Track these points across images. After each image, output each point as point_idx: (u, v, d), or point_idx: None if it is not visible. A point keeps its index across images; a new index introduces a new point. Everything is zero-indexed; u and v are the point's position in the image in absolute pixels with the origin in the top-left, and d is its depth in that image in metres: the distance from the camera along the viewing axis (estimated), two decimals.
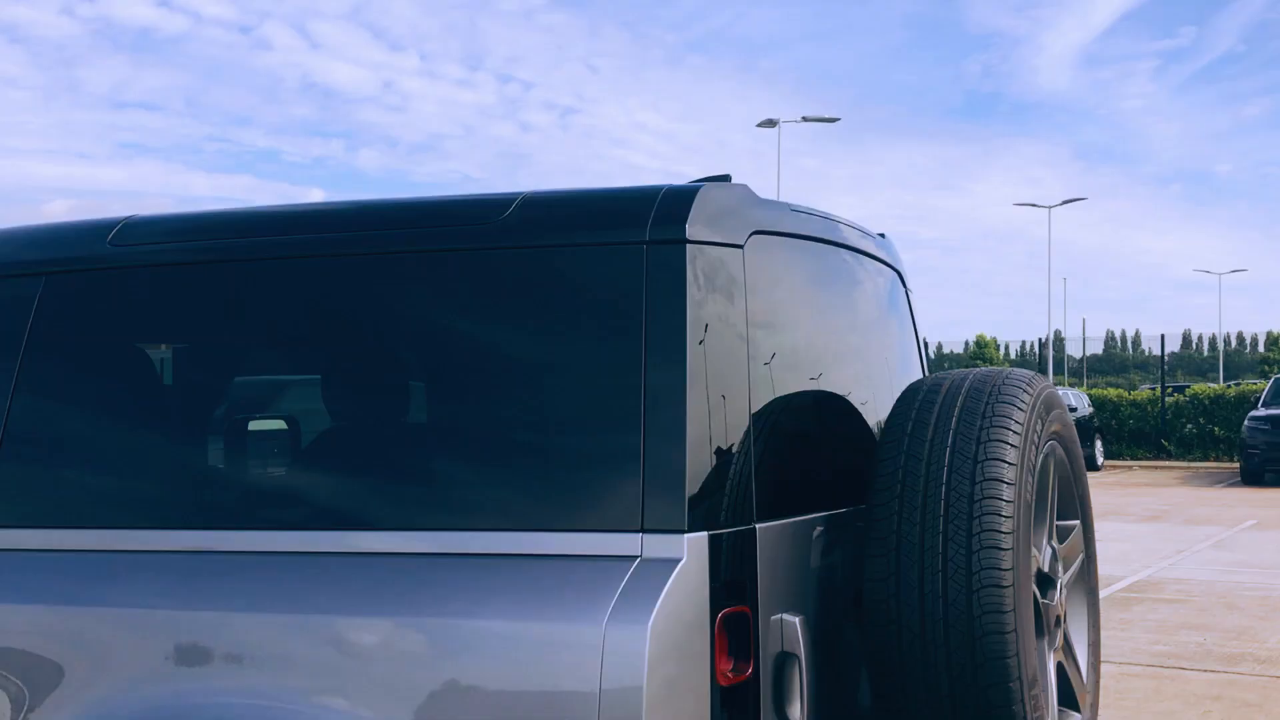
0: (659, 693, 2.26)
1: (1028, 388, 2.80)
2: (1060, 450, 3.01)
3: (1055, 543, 3.01)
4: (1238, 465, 26.58)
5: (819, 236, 3.03)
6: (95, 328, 2.94)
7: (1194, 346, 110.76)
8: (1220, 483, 25.33)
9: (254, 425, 3.12)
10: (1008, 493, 2.59)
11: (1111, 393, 32.90)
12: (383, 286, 2.70)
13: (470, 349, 2.63)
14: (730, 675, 2.40)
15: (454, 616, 2.40)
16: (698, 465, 2.40)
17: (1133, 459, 31.26)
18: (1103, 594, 10.88)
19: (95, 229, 3.03)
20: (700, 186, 2.58)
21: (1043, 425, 2.80)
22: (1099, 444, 28.46)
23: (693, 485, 2.39)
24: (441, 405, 2.67)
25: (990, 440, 2.65)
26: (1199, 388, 32.35)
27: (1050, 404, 2.87)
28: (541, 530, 2.44)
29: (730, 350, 2.53)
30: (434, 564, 2.47)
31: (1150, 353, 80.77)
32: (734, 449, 2.50)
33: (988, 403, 2.72)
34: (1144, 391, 33.79)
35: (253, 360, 2.93)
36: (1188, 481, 25.86)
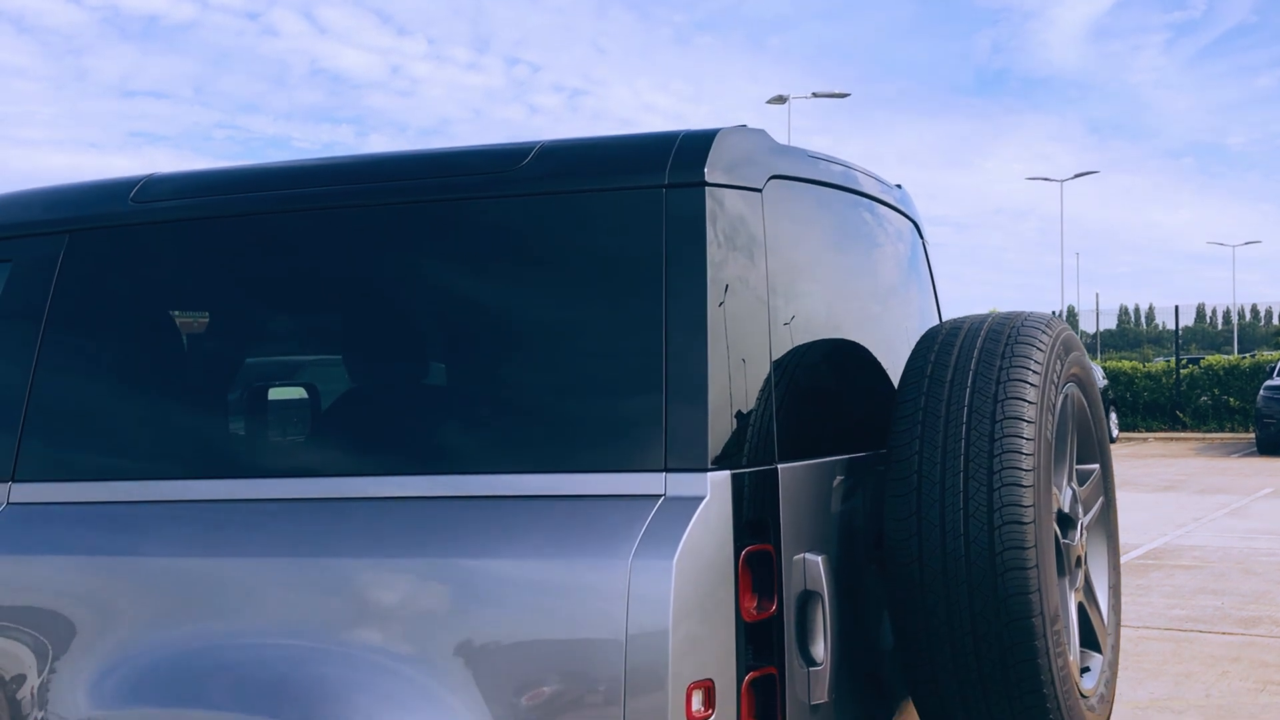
0: (684, 627, 2.29)
1: (1046, 329, 2.81)
2: (1079, 393, 3.02)
3: (1075, 485, 3.03)
4: (1253, 435, 26.53)
5: (837, 184, 3.04)
6: (119, 284, 2.97)
7: (1208, 320, 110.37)
8: (1235, 453, 25.28)
9: (277, 376, 3.14)
10: (1028, 430, 2.61)
11: (1126, 364, 32.79)
12: (404, 237, 2.72)
13: (492, 295, 2.65)
14: (754, 612, 2.42)
15: (480, 557, 2.42)
16: (720, 405, 2.42)
17: (1147, 430, 31.19)
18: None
19: (117, 187, 3.06)
20: (718, 131, 2.60)
21: (1062, 366, 2.81)
22: (1113, 416, 28.40)
23: (715, 424, 2.41)
24: (464, 352, 2.69)
25: (1010, 380, 2.66)
26: (1213, 358, 32.23)
27: (1069, 345, 2.88)
28: (566, 472, 2.46)
29: (749, 294, 2.55)
30: (460, 507, 2.50)
31: (1164, 327, 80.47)
32: (756, 390, 2.52)
33: (1007, 343, 2.74)
34: (1158, 363, 33.68)
35: (274, 312, 2.96)
36: (1202, 452, 25.81)
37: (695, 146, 2.55)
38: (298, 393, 3.19)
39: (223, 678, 2.54)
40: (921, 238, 3.64)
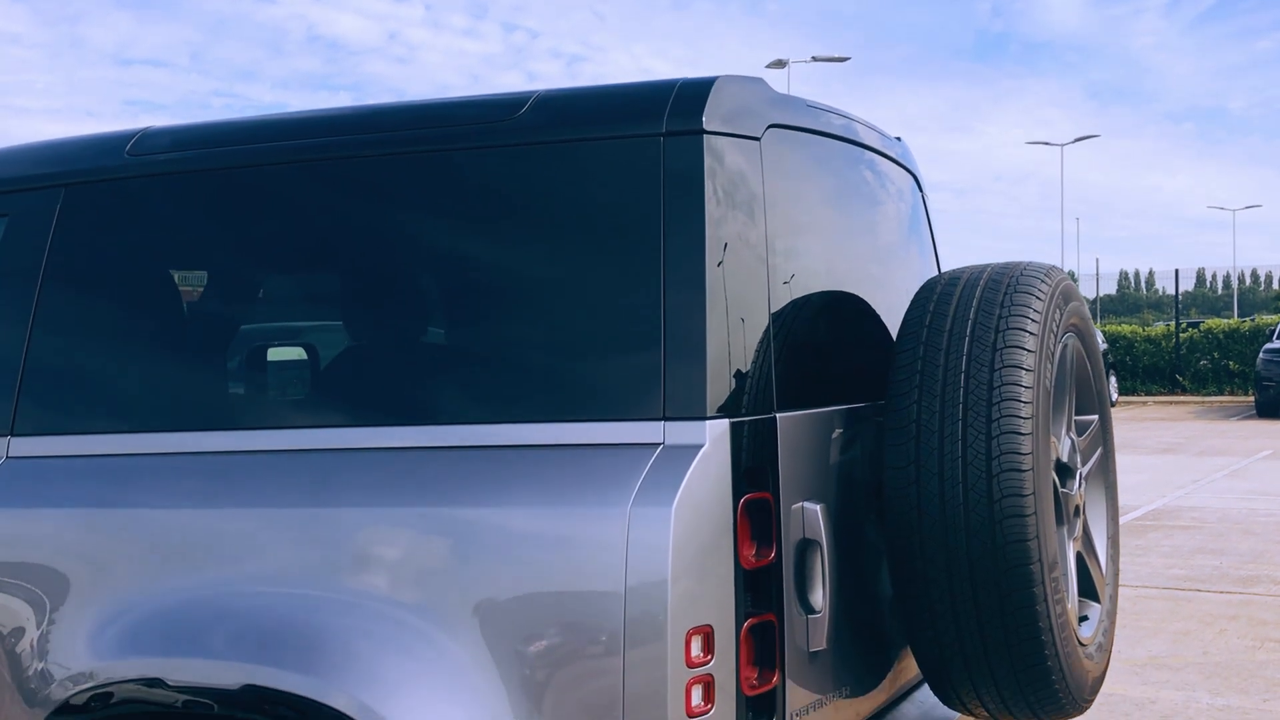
0: (683, 573, 2.29)
1: (1046, 278, 2.81)
2: (1078, 344, 3.02)
3: (1074, 435, 3.03)
4: (1252, 399, 26.55)
5: (837, 134, 3.03)
6: (116, 237, 2.96)
7: (1208, 285, 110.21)
8: (1235, 416, 25.31)
9: (274, 327, 3.14)
10: (1027, 379, 2.61)
11: (1125, 328, 32.78)
12: (402, 187, 2.71)
13: (490, 246, 2.65)
14: (753, 560, 2.43)
15: (479, 506, 2.43)
16: (718, 354, 2.42)
17: (1147, 394, 31.21)
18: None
19: (113, 140, 3.05)
20: (716, 79, 2.58)
21: (1061, 315, 2.81)
22: (1113, 380, 28.42)
23: (714, 373, 2.41)
24: (462, 302, 2.69)
25: (1009, 329, 2.66)
26: (1213, 322, 32.21)
27: (1068, 295, 2.88)
28: (564, 421, 2.46)
29: (747, 243, 2.54)
30: (459, 457, 2.50)
31: (1164, 292, 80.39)
32: (755, 339, 2.51)
33: (1006, 292, 2.73)
34: (1158, 327, 33.66)
35: (271, 264, 2.95)
36: (1202, 415, 25.84)
37: (693, 94, 2.54)
38: (296, 345, 3.19)
39: (222, 627, 2.55)
40: (921, 191, 3.63)
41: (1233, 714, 5.93)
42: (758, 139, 2.61)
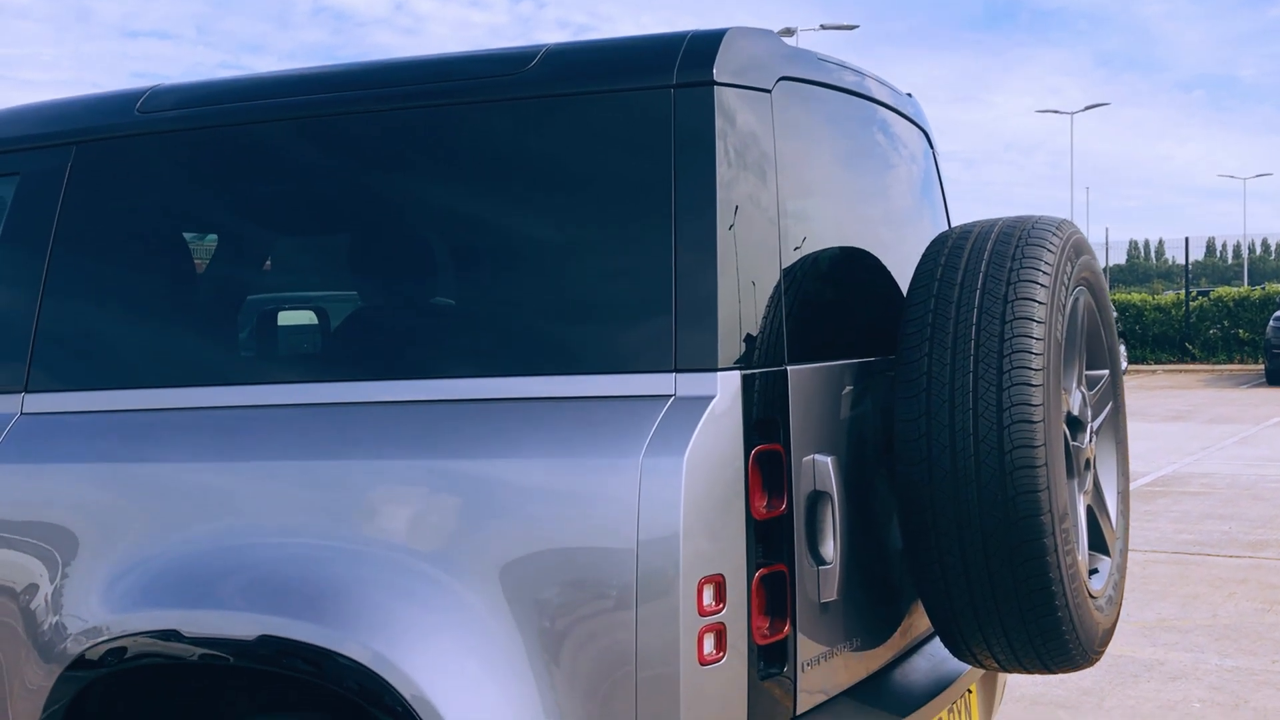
0: (695, 522, 2.30)
1: (1057, 231, 2.80)
2: (1089, 297, 3.01)
3: (1085, 389, 3.03)
4: (1262, 367, 26.50)
5: (847, 88, 3.02)
6: (127, 194, 2.97)
7: (1218, 254, 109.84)
8: (1244, 384, 25.27)
9: (285, 282, 3.15)
10: (1038, 330, 2.61)
11: (1135, 297, 32.70)
12: (413, 142, 2.71)
13: (500, 200, 2.65)
14: (764, 511, 2.44)
15: (491, 457, 2.44)
16: (729, 305, 2.42)
17: (1156, 363, 31.17)
18: None
19: (123, 98, 3.05)
20: (727, 30, 2.58)
21: (1072, 268, 2.81)
22: (1122, 348, 28.36)
23: (725, 325, 2.41)
24: (474, 256, 2.69)
25: (1020, 281, 2.66)
26: (1223, 290, 32.12)
27: (1079, 248, 2.87)
28: (575, 374, 2.47)
29: (759, 195, 2.54)
30: (473, 409, 2.51)
31: (1174, 261, 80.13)
32: (766, 291, 2.52)
33: (1017, 245, 2.73)
34: (1168, 296, 33.56)
35: (282, 218, 2.95)
36: (1211, 383, 25.81)
37: (704, 46, 2.53)
38: (307, 299, 3.19)
39: (237, 579, 2.56)
40: (932, 148, 3.62)
41: (1241, 675, 5.95)
42: (769, 91, 2.61)
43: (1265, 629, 6.79)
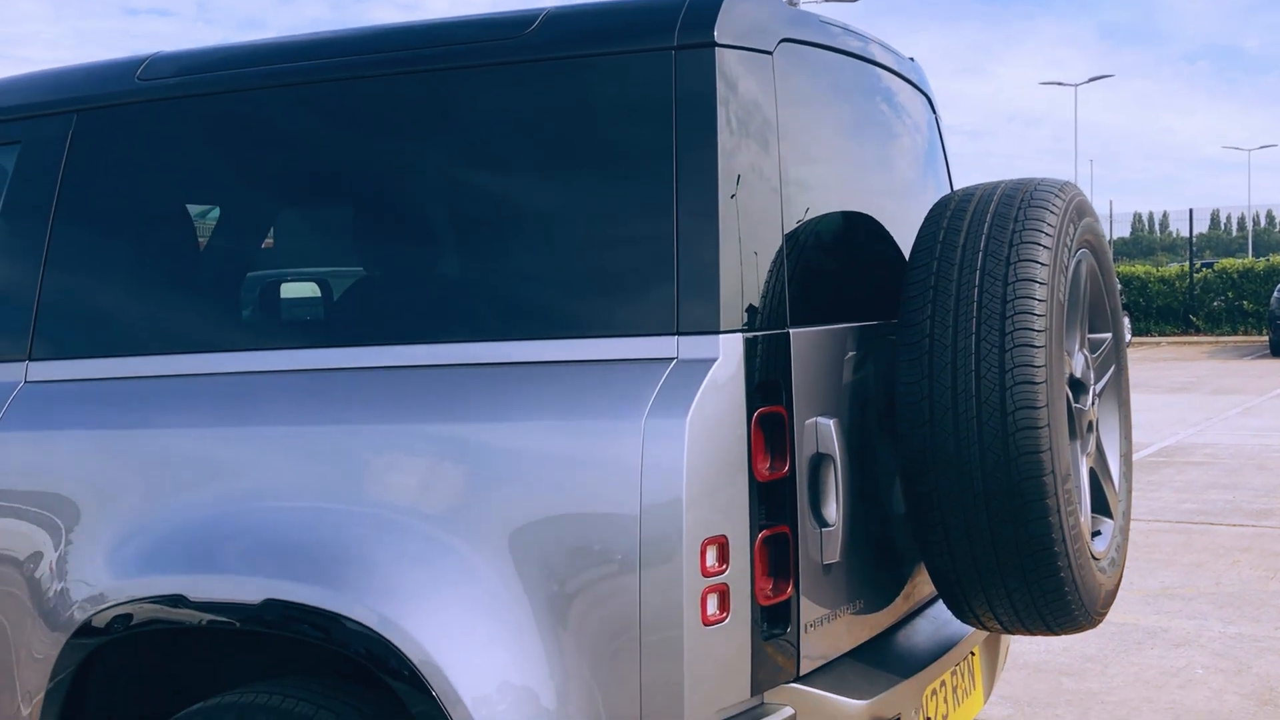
0: (698, 484, 2.31)
1: (1060, 193, 2.80)
2: (1092, 260, 3.01)
3: (1087, 351, 3.03)
4: (1267, 338, 26.48)
5: (850, 51, 3.01)
6: (128, 161, 2.97)
7: (1222, 226, 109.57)
8: (1249, 355, 25.26)
9: (287, 248, 3.15)
10: (1040, 292, 2.61)
11: (1139, 269, 32.65)
12: (412, 106, 2.71)
13: (502, 164, 2.64)
14: (767, 473, 2.44)
15: (495, 420, 2.44)
16: (731, 268, 2.42)
17: (1160, 335, 31.15)
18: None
19: (124, 65, 3.05)
20: None
21: (1075, 229, 2.80)
22: (1126, 320, 28.34)
23: (727, 288, 2.41)
24: (476, 221, 2.68)
25: (1023, 243, 2.65)
26: (1227, 262, 32.07)
27: (1082, 210, 2.87)
28: (578, 338, 2.47)
29: (761, 158, 2.54)
30: (476, 373, 2.51)
31: (1178, 234, 79.93)
32: (768, 254, 2.51)
33: (1020, 208, 2.72)
34: (1172, 268, 33.54)
35: (282, 184, 2.95)
36: (1215, 355, 25.79)
37: (704, 7, 2.53)
38: (310, 264, 3.20)
39: (242, 543, 2.57)
40: (934, 112, 3.61)
41: (1244, 642, 5.97)
42: (770, 53, 2.60)
43: (1268, 596, 6.80)
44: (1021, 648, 5.90)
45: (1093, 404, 3.01)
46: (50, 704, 2.75)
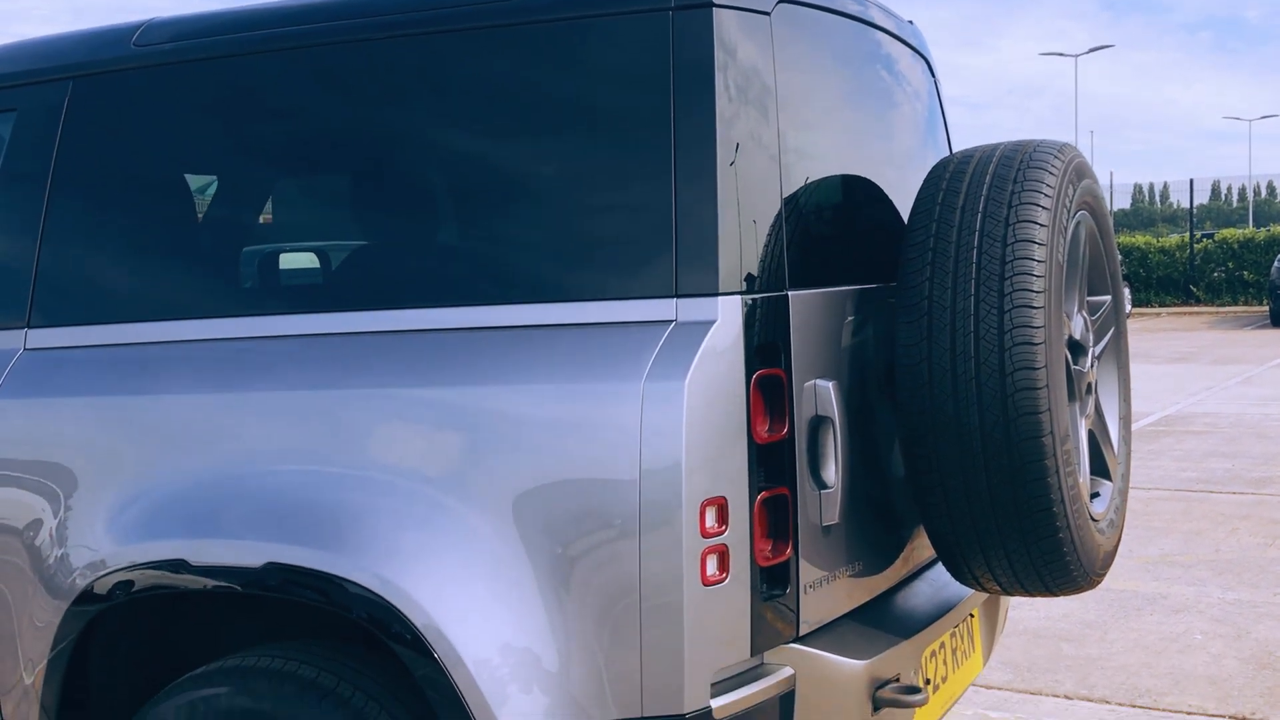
0: (697, 446, 2.31)
1: (1059, 155, 2.79)
2: (1091, 222, 3.00)
3: (1086, 314, 3.02)
4: (1267, 309, 26.48)
5: (848, 13, 3.00)
6: (124, 128, 2.96)
7: (1223, 197, 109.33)
8: (1249, 325, 25.26)
9: (285, 213, 3.14)
10: (1039, 253, 2.60)
11: (1140, 239, 32.60)
12: (408, 70, 2.70)
13: (499, 128, 2.64)
14: (766, 435, 2.45)
15: (497, 383, 2.44)
16: (729, 231, 2.42)
17: (1161, 306, 31.15)
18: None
19: (119, 32, 3.04)
20: None
21: (1074, 190, 2.80)
22: (1127, 291, 28.33)
23: (726, 250, 2.41)
24: (474, 186, 2.68)
25: (1022, 204, 2.65)
26: (1228, 232, 32.01)
27: (1081, 172, 2.86)
28: (576, 301, 2.47)
29: (758, 120, 2.53)
30: (475, 337, 2.51)
31: (1178, 205, 79.75)
32: (766, 216, 2.51)
33: (1019, 169, 2.72)
34: (1172, 238, 33.47)
35: (279, 149, 2.94)
36: (1216, 325, 25.80)
37: None
38: (309, 229, 3.19)
39: (243, 507, 2.57)
40: (934, 76, 3.60)
41: (1243, 607, 5.99)
42: (768, 13, 2.59)
43: (1267, 563, 6.82)
44: (1020, 614, 5.92)
45: (1091, 366, 3.01)
46: (53, 672, 2.76)
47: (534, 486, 2.37)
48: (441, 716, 2.39)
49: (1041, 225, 2.63)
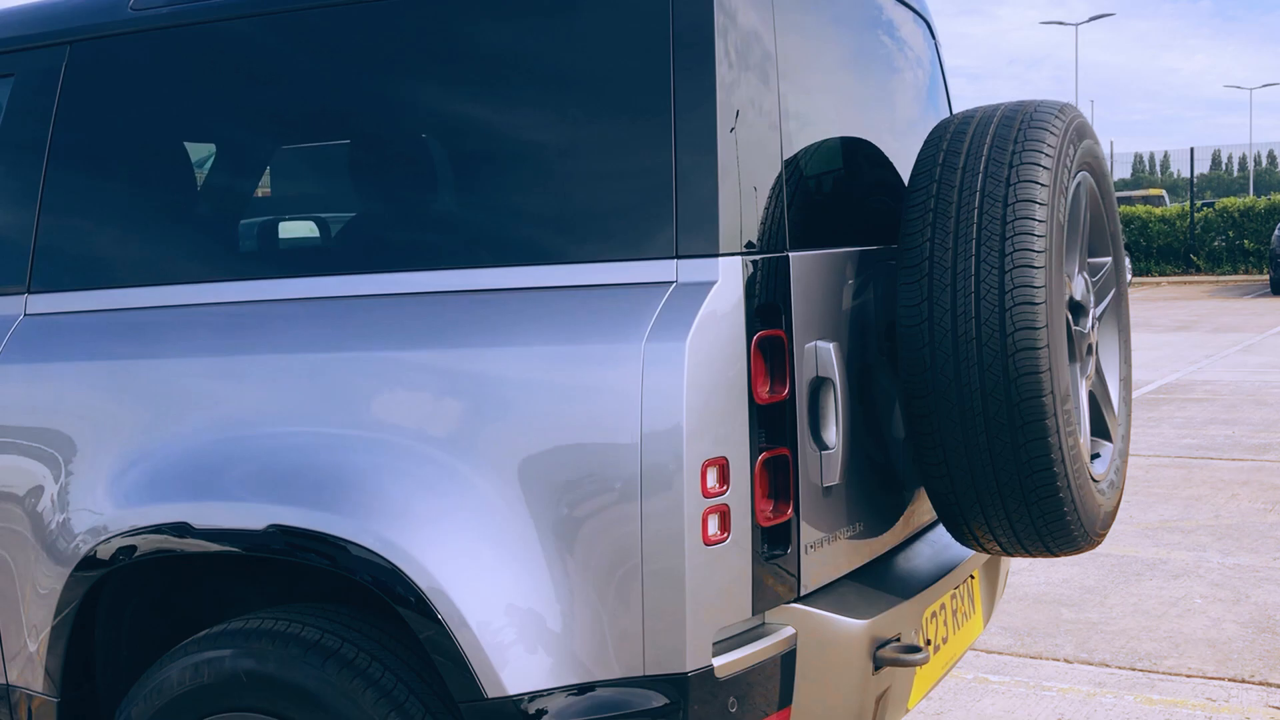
0: (698, 405, 2.31)
1: (1059, 115, 2.78)
2: (1092, 182, 3.00)
3: (1087, 275, 3.02)
4: (1267, 277, 26.45)
5: None
6: (122, 92, 2.95)
7: (1223, 167, 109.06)
8: (1249, 294, 25.24)
9: (285, 177, 3.14)
10: (1040, 213, 2.60)
11: (1140, 209, 32.52)
12: (411, 35, 2.69)
13: (501, 89, 2.63)
14: (766, 395, 2.45)
15: (498, 345, 2.44)
16: (730, 192, 2.41)
17: (1161, 275, 31.11)
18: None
19: None
20: None
21: (1075, 151, 2.79)
22: (1127, 260, 28.29)
23: (726, 211, 2.40)
24: (475, 149, 2.67)
25: (1023, 164, 2.64)
26: (1228, 201, 31.93)
27: (1082, 132, 2.85)
28: (576, 263, 2.47)
29: (759, 86, 2.52)
30: (476, 299, 2.51)
31: (1179, 174, 79.53)
32: (767, 178, 2.50)
33: (1020, 129, 2.71)
34: (1173, 207, 33.39)
35: (277, 113, 2.93)
36: (1216, 294, 25.78)
37: None
38: (310, 192, 3.18)
39: (246, 470, 2.58)
40: (934, 38, 3.58)
41: (1243, 572, 6.01)
42: None
43: (1267, 528, 6.84)
44: (1020, 579, 5.94)
45: (1092, 327, 3.01)
46: (57, 638, 2.77)
47: (535, 448, 2.38)
48: (446, 678, 2.40)
49: (1043, 185, 2.62)
